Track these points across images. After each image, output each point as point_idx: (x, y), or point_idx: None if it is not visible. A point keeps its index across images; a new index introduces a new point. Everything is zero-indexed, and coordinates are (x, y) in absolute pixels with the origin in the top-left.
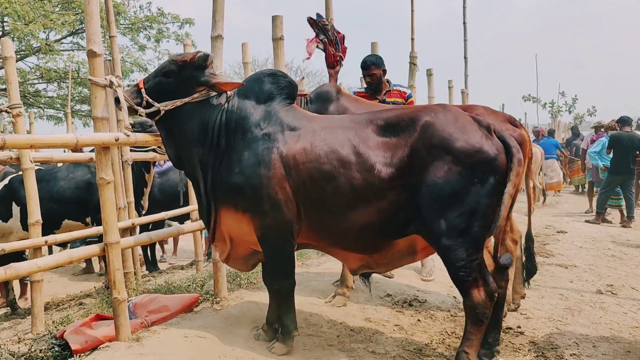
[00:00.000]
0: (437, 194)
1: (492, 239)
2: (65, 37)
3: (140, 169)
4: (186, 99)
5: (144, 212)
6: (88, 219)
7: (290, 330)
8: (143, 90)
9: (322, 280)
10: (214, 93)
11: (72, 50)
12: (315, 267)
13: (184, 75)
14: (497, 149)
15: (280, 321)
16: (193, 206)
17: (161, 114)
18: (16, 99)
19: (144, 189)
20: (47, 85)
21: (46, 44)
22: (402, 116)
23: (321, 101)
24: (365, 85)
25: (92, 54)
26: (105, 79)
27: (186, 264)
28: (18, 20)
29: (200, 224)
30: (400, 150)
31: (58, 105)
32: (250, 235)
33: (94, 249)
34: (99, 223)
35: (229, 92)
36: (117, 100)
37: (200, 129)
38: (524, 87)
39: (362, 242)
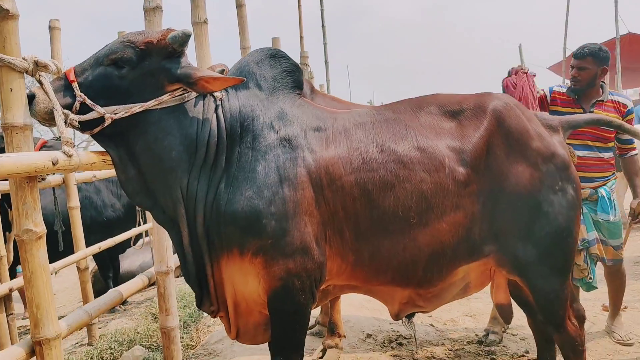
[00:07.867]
0: (520, 207)
1: None
2: None
3: (1, 204)
4: (151, 103)
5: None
6: None
7: None
8: (75, 85)
9: None
10: (194, 94)
11: None
12: None
13: (147, 66)
14: (570, 154)
15: None
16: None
17: (105, 124)
18: None
19: (7, 233)
20: None
21: None
22: (462, 101)
23: None
24: (569, 83)
25: (1, 14)
26: (25, 59)
27: None
28: None
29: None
30: (470, 144)
31: None
32: (259, 292)
33: None
34: None
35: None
36: (32, 97)
37: (183, 146)
38: None
39: (428, 271)
